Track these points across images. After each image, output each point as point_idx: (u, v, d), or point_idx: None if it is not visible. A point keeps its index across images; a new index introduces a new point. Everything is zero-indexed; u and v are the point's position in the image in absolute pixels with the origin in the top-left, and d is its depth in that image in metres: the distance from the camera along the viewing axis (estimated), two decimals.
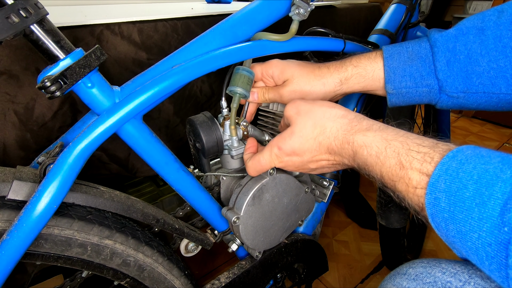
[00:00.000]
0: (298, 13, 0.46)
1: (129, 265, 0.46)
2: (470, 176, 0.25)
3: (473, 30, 0.42)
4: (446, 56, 0.43)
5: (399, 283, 0.32)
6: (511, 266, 0.22)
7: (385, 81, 0.47)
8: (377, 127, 0.36)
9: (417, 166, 0.30)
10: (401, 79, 0.46)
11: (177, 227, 0.49)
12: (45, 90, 0.32)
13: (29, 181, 0.35)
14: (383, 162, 0.33)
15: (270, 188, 0.50)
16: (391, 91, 0.47)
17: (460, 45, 0.42)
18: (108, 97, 0.38)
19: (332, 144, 0.39)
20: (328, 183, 0.60)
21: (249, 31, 0.48)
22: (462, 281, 0.28)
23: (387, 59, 0.47)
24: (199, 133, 0.47)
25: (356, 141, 0.36)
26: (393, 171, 0.32)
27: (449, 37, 0.43)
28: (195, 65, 0.43)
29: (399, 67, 0.46)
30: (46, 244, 0.38)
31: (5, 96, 0.48)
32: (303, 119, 0.41)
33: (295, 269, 0.72)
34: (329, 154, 0.40)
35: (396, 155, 0.32)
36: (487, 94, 0.42)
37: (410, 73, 0.46)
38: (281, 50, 0.49)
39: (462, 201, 0.25)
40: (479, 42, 0.41)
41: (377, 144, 0.34)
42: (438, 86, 0.45)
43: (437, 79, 0.44)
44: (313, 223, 0.71)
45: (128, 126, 0.40)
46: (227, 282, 0.57)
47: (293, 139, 0.41)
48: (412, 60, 0.45)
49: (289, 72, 0.49)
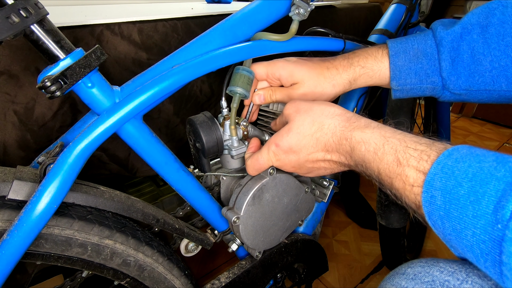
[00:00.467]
0: (298, 13, 0.46)
1: (129, 265, 0.46)
2: (465, 174, 0.26)
3: (477, 28, 0.42)
4: (451, 56, 0.44)
5: (398, 283, 0.32)
6: (504, 263, 0.22)
7: (391, 79, 0.48)
8: (375, 125, 0.37)
9: (414, 164, 0.30)
10: (406, 77, 0.47)
11: (177, 227, 0.49)
12: (45, 90, 0.32)
13: (29, 181, 0.35)
14: (380, 158, 0.33)
15: (270, 188, 0.50)
16: (396, 87, 0.49)
17: (464, 44, 0.43)
18: (108, 97, 0.38)
19: (330, 141, 0.39)
20: (328, 183, 0.60)
21: (249, 31, 0.48)
22: (460, 279, 0.28)
23: (393, 57, 0.47)
24: (199, 133, 0.47)
25: (354, 137, 0.36)
26: (391, 167, 0.32)
27: (454, 36, 0.44)
28: (195, 65, 0.43)
29: (404, 65, 0.47)
30: (46, 244, 0.38)
31: (5, 96, 0.48)
32: (302, 117, 0.41)
33: (295, 269, 0.72)
34: (326, 152, 0.40)
35: (393, 152, 0.32)
36: (489, 91, 0.44)
37: (415, 70, 0.47)
38: (281, 50, 0.49)
39: (457, 199, 0.26)
40: (483, 41, 0.42)
41: (375, 140, 0.34)
42: (441, 84, 0.46)
43: (441, 77, 0.46)
44: (313, 223, 0.71)
45: (128, 126, 0.40)
46: (227, 282, 0.57)
47: (290, 135, 0.41)
48: (417, 58, 0.46)
49: (298, 76, 0.49)
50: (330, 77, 0.49)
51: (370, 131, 0.35)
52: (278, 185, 0.51)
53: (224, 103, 0.51)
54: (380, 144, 0.34)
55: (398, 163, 0.31)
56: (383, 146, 0.33)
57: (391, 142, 0.33)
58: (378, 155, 0.33)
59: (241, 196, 0.49)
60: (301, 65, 0.49)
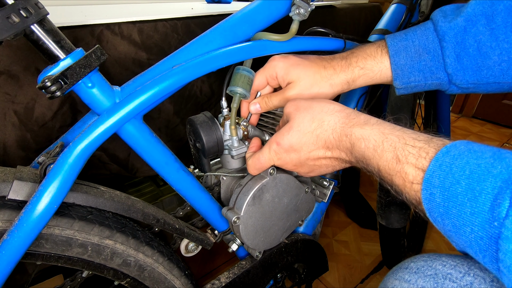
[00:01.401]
0: (298, 13, 0.46)
1: (130, 265, 0.46)
2: (462, 172, 0.26)
3: (482, 19, 0.40)
4: (456, 51, 0.42)
5: (401, 277, 0.32)
6: (501, 260, 0.23)
7: (393, 78, 0.47)
8: (375, 121, 0.37)
9: (412, 161, 0.30)
10: (409, 75, 0.46)
11: (177, 227, 0.49)
12: (45, 90, 0.32)
13: (29, 181, 0.35)
14: (380, 155, 0.33)
15: (270, 188, 0.50)
16: (400, 86, 0.48)
17: (469, 38, 0.41)
18: (108, 97, 0.38)
19: (330, 137, 0.39)
20: (328, 183, 0.60)
21: (249, 31, 0.48)
22: (462, 272, 0.29)
23: (394, 57, 0.46)
24: (199, 133, 0.47)
25: (354, 133, 0.36)
26: (390, 165, 0.32)
27: (458, 30, 0.42)
28: (195, 65, 0.43)
29: (406, 64, 0.46)
30: (47, 244, 0.38)
31: (5, 96, 0.48)
32: (302, 114, 0.41)
33: (295, 269, 0.72)
34: (326, 149, 0.40)
35: (392, 149, 0.32)
36: (498, 83, 0.42)
37: (419, 68, 0.45)
38: (281, 50, 0.49)
39: (455, 196, 0.26)
40: (489, 33, 0.40)
41: (375, 137, 0.34)
42: (448, 79, 0.45)
43: (446, 73, 0.44)
44: (313, 223, 0.71)
45: (129, 126, 0.40)
46: (227, 282, 0.57)
47: (291, 133, 0.41)
48: (419, 55, 0.45)
49: (294, 74, 0.48)
50: (327, 76, 0.48)
51: (369, 128, 0.35)
52: (278, 185, 0.51)
53: (224, 103, 0.51)
54: (380, 141, 0.34)
55: (397, 160, 0.31)
56: (382, 143, 0.33)
57: (390, 139, 0.33)
58: (377, 152, 0.33)
59: (241, 196, 0.49)
60: (297, 64, 0.48)
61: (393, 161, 0.32)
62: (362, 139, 0.35)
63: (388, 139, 0.33)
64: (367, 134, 0.35)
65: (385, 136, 0.34)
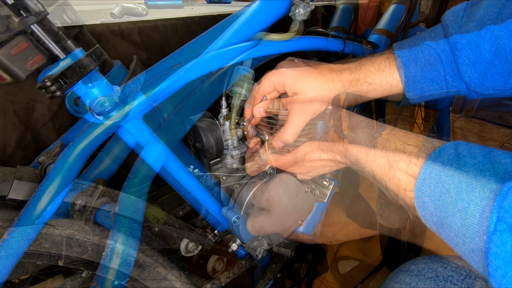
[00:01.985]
0: (298, 13, 0.46)
1: (130, 265, 0.45)
2: (451, 179, 0.26)
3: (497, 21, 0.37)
4: (471, 59, 0.39)
5: (402, 280, 0.32)
6: (491, 275, 0.23)
7: (405, 91, 0.44)
8: (365, 124, 0.37)
9: (404, 168, 0.30)
10: (422, 86, 0.44)
11: (177, 227, 0.49)
12: (45, 90, 0.32)
13: (29, 180, 0.35)
14: (372, 160, 0.33)
15: (270, 188, 0.50)
16: (413, 97, 0.45)
17: (485, 43, 0.37)
18: (108, 97, 0.38)
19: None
20: (328, 183, 0.60)
21: (249, 31, 0.48)
22: (463, 274, 0.29)
23: (403, 69, 0.44)
24: (199, 133, 0.47)
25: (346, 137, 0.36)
26: (383, 170, 0.32)
27: (471, 37, 0.38)
28: (195, 65, 0.43)
29: (417, 75, 0.43)
30: (46, 244, 0.38)
31: (5, 96, 0.48)
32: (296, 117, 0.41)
33: (295, 269, 0.72)
34: (321, 151, 0.40)
35: (384, 154, 0.32)
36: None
37: (432, 78, 0.43)
38: (281, 50, 0.49)
39: (446, 206, 0.26)
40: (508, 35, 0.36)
41: (365, 141, 0.34)
42: (466, 87, 0.42)
43: (463, 81, 0.41)
44: (313, 223, 0.71)
45: (128, 126, 0.40)
46: (227, 282, 0.57)
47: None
48: (431, 65, 0.42)
49: (301, 86, 0.45)
50: (334, 91, 0.45)
51: (360, 131, 0.35)
52: (278, 185, 0.51)
53: (224, 103, 0.51)
54: (371, 145, 0.34)
55: (389, 166, 0.31)
56: (373, 147, 0.33)
57: (381, 143, 0.33)
58: (370, 156, 0.33)
59: (241, 196, 0.49)
60: (305, 75, 0.45)
61: (386, 167, 0.32)
62: (353, 143, 0.35)
63: (379, 143, 0.33)
64: (358, 137, 0.35)
65: (376, 140, 0.34)
